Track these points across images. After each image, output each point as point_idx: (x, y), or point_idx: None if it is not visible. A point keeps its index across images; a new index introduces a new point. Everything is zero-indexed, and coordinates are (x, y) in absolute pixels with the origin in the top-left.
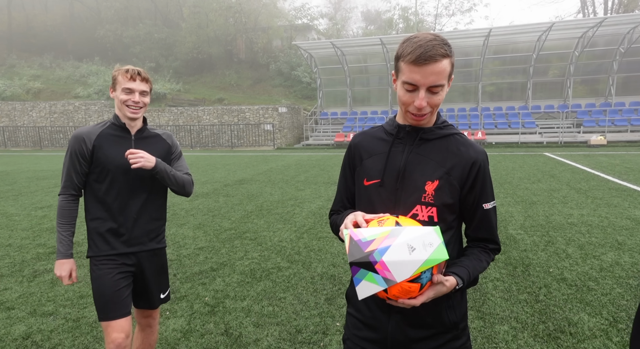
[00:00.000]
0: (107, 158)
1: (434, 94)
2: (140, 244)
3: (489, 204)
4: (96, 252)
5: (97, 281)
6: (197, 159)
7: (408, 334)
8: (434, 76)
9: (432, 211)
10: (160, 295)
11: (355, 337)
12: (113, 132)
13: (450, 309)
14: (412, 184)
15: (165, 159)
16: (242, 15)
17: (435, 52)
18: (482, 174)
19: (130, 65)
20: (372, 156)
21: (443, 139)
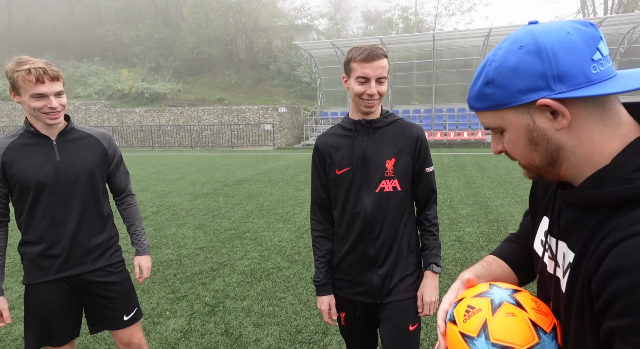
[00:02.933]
0: (24, 173)
1: (380, 84)
2: (82, 265)
3: (429, 168)
4: (29, 280)
5: (27, 311)
6: (197, 159)
7: (387, 283)
8: (380, 69)
9: (395, 182)
10: (123, 317)
11: (348, 294)
12: (27, 142)
13: (412, 254)
14: (375, 164)
15: (101, 166)
16: (242, 15)
17: (379, 52)
18: (424, 145)
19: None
20: (338, 150)
21: (390, 125)
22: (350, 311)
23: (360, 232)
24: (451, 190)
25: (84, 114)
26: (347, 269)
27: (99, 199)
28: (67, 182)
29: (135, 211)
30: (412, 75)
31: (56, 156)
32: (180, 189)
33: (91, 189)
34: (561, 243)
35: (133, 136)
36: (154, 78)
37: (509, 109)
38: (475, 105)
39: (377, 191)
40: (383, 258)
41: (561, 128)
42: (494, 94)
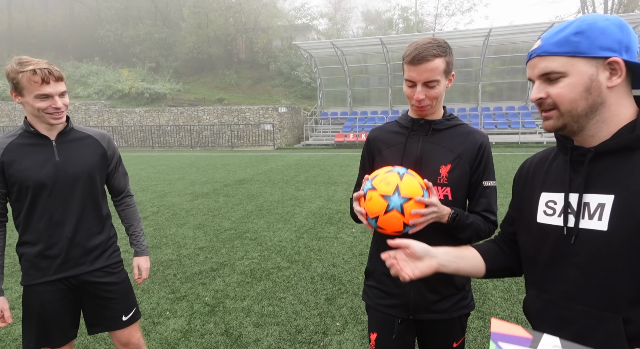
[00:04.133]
0: (23, 173)
1: (430, 88)
2: (81, 266)
3: (488, 182)
4: (27, 281)
5: (25, 312)
6: (197, 159)
7: (427, 298)
8: (428, 73)
9: (447, 191)
10: (122, 317)
11: (380, 305)
12: (26, 142)
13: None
14: (428, 168)
15: (100, 166)
16: (242, 15)
17: (428, 53)
18: (486, 155)
19: (27, 55)
20: (389, 147)
21: (451, 129)
22: (383, 332)
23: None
24: None
25: (84, 114)
26: (382, 277)
27: (97, 199)
28: (66, 183)
29: (133, 212)
30: None
31: (55, 156)
32: (180, 189)
33: (90, 189)
34: (589, 195)
35: (133, 136)
36: (154, 78)
37: (583, 58)
38: (552, 49)
39: None
40: None
41: (612, 86)
42: (580, 43)
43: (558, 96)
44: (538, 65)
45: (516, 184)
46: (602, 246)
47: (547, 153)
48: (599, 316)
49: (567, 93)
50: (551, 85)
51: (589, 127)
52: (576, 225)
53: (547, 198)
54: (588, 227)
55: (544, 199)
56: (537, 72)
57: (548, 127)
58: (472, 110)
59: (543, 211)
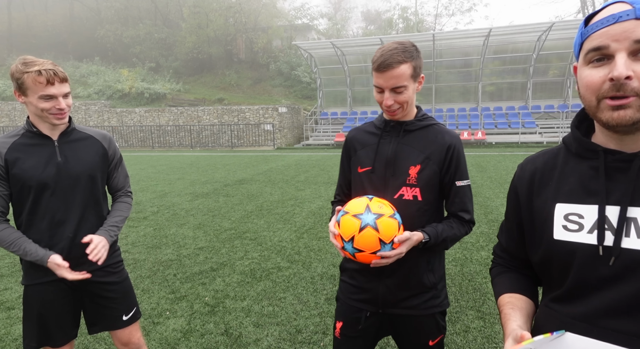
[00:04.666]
0: (26, 173)
1: (398, 93)
2: (82, 265)
3: (461, 182)
4: (28, 280)
5: (26, 311)
6: (197, 159)
7: (395, 295)
8: (394, 79)
9: (416, 191)
10: (122, 317)
11: (350, 299)
12: (29, 142)
13: (429, 273)
14: (399, 169)
15: (101, 167)
16: (242, 15)
17: (393, 60)
18: (456, 155)
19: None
20: (364, 147)
21: (423, 129)
22: (350, 322)
23: None
24: None
25: (84, 114)
26: (353, 273)
27: (98, 200)
28: (68, 183)
29: (125, 206)
30: None
31: (57, 157)
32: (180, 189)
33: (91, 190)
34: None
35: (133, 136)
36: (154, 78)
37: None
38: None
39: (396, 196)
40: (392, 269)
41: None
42: None
43: None
44: (637, 31)
45: (518, 194)
46: None
47: (550, 156)
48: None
49: None
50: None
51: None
52: (617, 244)
53: (566, 211)
54: (638, 247)
55: (561, 211)
56: (632, 39)
57: (624, 120)
58: (472, 110)
59: (562, 225)
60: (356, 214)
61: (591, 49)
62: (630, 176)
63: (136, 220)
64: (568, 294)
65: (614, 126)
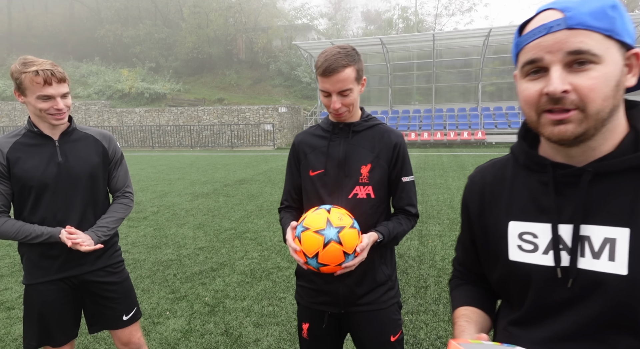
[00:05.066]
0: (27, 173)
1: (344, 96)
2: (82, 265)
3: (406, 178)
4: (29, 280)
5: (26, 311)
6: (197, 159)
7: (355, 292)
8: (340, 83)
9: (369, 189)
10: (122, 316)
11: (311, 303)
12: (30, 142)
13: (383, 266)
14: (351, 169)
15: (102, 166)
16: (242, 15)
17: (337, 64)
18: (402, 153)
19: (33, 56)
20: (314, 150)
21: (370, 129)
22: (314, 322)
23: None
24: (451, 190)
25: (84, 114)
26: (312, 277)
27: (98, 200)
28: (68, 183)
29: (122, 207)
30: (412, 75)
31: (58, 157)
32: (180, 189)
33: (92, 189)
34: (590, 227)
35: (133, 136)
36: (154, 78)
37: (616, 42)
38: (589, 21)
39: (350, 196)
40: None
41: (629, 86)
42: (616, 20)
43: (591, 89)
44: (569, 41)
45: (469, 209)
46: (619, 294)
47: (498, 168)
48: None
49: (602, 87)
50: (577, 74)
51: (596, 138)
52: (573, 265)
53: (520, 229)
54: (594, 268)
55: (515, 230)
56: (565, 51)
57: (566, 135)
58: (472, 110)
59: (517, 245)
60: (318, 230)
61: (526, 62)
62: (580, 192)
63: (136, 220)
64: (527, 317)
65: (556, 141)
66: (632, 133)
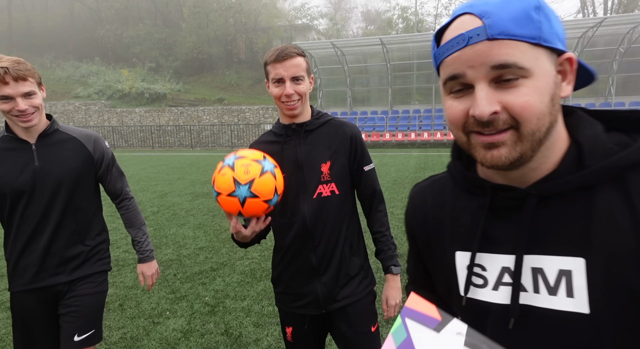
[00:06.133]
0: (1, 179)
1: (297, 84)
2: (58, 275)
3: (368, 167)
4: (11, 287)
5: (13, 317)
6: (197, 159)
7: (333, 288)
8: (294, 68)
9: (332, 186)
10: (74, 336)
11: (292, 307)
12: (6, 146)
13: (355, 256)
14: (310, 169)
15: (85, 170)
16: (242, 16)
17: (290, 50)
18: (359, 143)
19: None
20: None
21: (323, 126)
22: (297, 325)
23: (300, 242)
24: None
25: (84, 114)
26: (289, 282)
27: (82, 206)
28: (45, 189)
29: (134, 215)
30: (412, 76)
31: (35, 161)
32: (181, 189)
33: (72, 195)
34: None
35: (133, 136)
36: (154, 78)
37: (545, 49)
38: (512, 29)
39: (315, 196)
40: (325, 265)
41: (564, 96)
42: (542, 24)
43: (523, 108)
44: (492, 54)
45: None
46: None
47: (438, 190)
48: None
49: (536, 104)
50: (506, 91)
51: (535, 157)
52: (514, 301)
53: (467, 261)
54: (551, 306)
55: (462, 262)
56: (488, 65)
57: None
58: None
59: (466, 279)
60: (230, 193)
61: (447, 78)
62: (524, 218)
63: None
64: None
65: (490, 167)
66: (574, 147)
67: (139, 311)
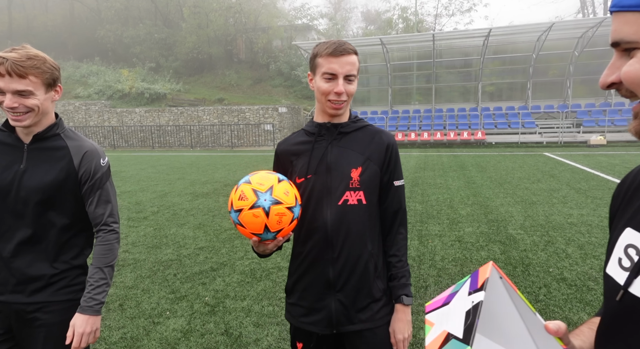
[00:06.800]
0: None
1: (349, 83)
2: (17, 294)
3: (398, 182)
4: None
5: None
6: (197, 159)
7: (348, 309)
8: (349, 66)
9: (360, 194)
10: None
11: (302, 323)
12: (2, 139)
13: (378, 279)
14: (340, 173)
15: (67, 186)
16: (242, 16)
17: (348, 47)
18: (395, 155)
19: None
20: (299, 156)
21: (359, 130)
22: (307, 342)
23: (318, 250)
24: (451, 190)
25: (84, 114)
26: (303, 293)
27: (55, 222)
28: (20, 196)
29: (103, 251)
30: (412, 75)
31: (21, 163)
32: (181, 189)
33: (48, 209)
34: None
35: (133, 136)
36: (154, 78)
37: None
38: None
39: (340, 203)
40: (343, 281)
41: None
42: None
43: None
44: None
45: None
46: None
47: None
48: None
49: None
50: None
51: None
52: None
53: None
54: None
55: (624, 240)
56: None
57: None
58: (472, 110)
59: (618, 258)
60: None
61: None
62: None
63: (136, 220)
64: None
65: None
66: None
67: (139, 311)
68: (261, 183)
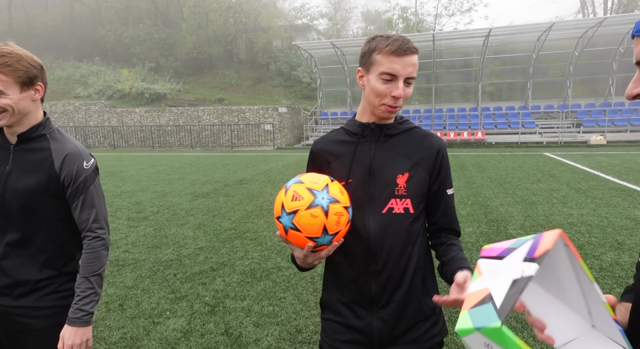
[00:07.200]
0: None
1: (407, 86)
2: (4, 296)
3: (450, 190)
4: None
5: None
6: (197, 159)
7: (393, 329)
8: (411, 67)
9: (407, 202)
10: None
11: (337, 342)
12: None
13: (427, 296)
14: (384, 179)
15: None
16: (242, 15)
17: (411, 45)
18: (445, 160)
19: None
20: (338, 158)
21: (405, 133)
22: None
23: (360, 263)
24: None
25: (84, 114)
26: (340, 309)
27: (41, 228)
28: (6, 198)
29: (89, 259)
30: None
31: (7, 165)
32: (181, 189)
33: (32, 213)
34: None
35: (133, 136)
36: (154, 78)
37: None
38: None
39: (385, 211)
40: (388, 297)
41: None
42: None
43: None
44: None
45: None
46: None
47: None
48: None
49: None
50: None
51: None
52: None
53: None
54: None
55: None
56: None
57: None
58: (472, 110)
59: None
60: (311, 188)
61: None
62: None
63: (136, 220)
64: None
65: None
66: None
67: (139, 311)
68: (315, 182)
